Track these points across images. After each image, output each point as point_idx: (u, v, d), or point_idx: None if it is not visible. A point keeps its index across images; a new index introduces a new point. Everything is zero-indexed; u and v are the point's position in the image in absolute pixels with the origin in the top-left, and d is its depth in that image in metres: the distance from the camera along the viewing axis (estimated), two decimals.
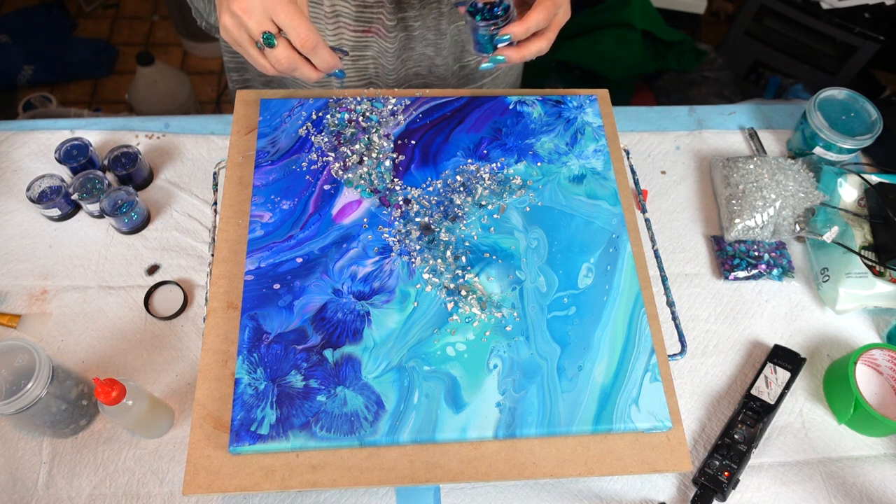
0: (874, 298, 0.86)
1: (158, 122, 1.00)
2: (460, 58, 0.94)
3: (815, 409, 0.83)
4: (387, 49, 0.87)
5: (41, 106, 2.00)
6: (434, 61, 0.91)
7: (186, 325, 0.84)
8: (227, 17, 0.58)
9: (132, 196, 0.87)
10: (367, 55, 0.88)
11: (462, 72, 0.96)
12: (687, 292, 0.90)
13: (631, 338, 0.66)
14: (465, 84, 0.98)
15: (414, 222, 0.71)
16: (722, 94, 1.93)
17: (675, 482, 0.77)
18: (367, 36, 0.85)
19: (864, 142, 0.94)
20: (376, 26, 0.83)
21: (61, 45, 2.16)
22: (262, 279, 0.66)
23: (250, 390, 0.60)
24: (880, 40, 1.69)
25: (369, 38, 0.85)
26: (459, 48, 0.92)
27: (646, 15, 1.78)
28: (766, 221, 0.91)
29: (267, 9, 0.56)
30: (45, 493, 0.73)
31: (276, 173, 0.73)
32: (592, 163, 0.77)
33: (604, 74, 1.81)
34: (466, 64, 0.95)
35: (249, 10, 0.56)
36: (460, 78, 0.97)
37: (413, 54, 0.89)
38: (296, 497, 0.74)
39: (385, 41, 0.85)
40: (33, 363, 0.67)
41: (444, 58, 0.91)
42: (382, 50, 0.87)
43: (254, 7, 0.56)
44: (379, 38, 0.85)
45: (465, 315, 0.66)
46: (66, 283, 0.86)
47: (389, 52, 0.87)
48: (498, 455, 0.61)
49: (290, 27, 0.57)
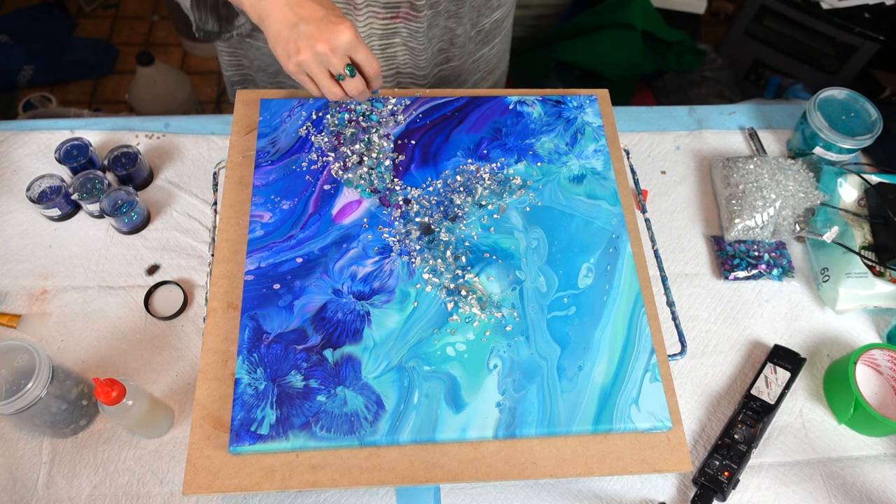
0: (874, 298, 0.86)
1: (158, 122, 1.00)
2: (477, 22, 0.96)
3: (815, 409, 0.83)
4: (417, 31, 0.88)
5: (41, 106, 2.00)
6: (455, 31, 0.94)
7: (186, 325, 0.84)
8: (308, 54, 0.65)
9: (132, 196, 0.87)
10: (396, 42, 0.89)
11: (478, 36, 0.99)
12: (687, 292, 0.90)
13: (631, 338, 0.66)
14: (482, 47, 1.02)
15: (414, 222, 0.71)
16: (722, 94, 1.93)
17: (675, 482, 0.77)
18: (395, 22, 0.87)
19: (864, 142, 0.94)
20: (404, 10, 0.85)
21: (61, 45, 2.16)
22: (262, 279, 0.66)
23: (250, 390, 0.60)
24: (880, 40, 1.69)
25: (397, 23, 0.87)
26: (475, 12, 0.94)
27: (646, 15, 1.78)
28: (766, 221, 0.91)
29: (349, 48, 0.66)
30: (45, 493, 0.73)
31: (276, 173, 0.74)
32: (592, 163, 0.77)
33: (604, 74, 1.81)
34: (482, 28, 0.98)
35: (335, 49, 0.65)
36: (477, 43, 1.00)
37: (437, 31, 0.91)
38: (296, 497, 0.74)
39: (414, 22, 0.87)
40: (33, 363, 0.67)
41: (464, 25, 0.94)
42: (412, 32, 0.88)
43: (339, 47, 0.65)
44: (407, 22, 0.87)
45: (465, 315, 0.66)
46: (66, 283, 0.86)
47: (420, 32, 0.88)
48: (498, 455, 0.61)
49: (368, 62, 0.67)
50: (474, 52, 1.01)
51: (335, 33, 0.64)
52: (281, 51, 0.66)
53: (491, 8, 0.95)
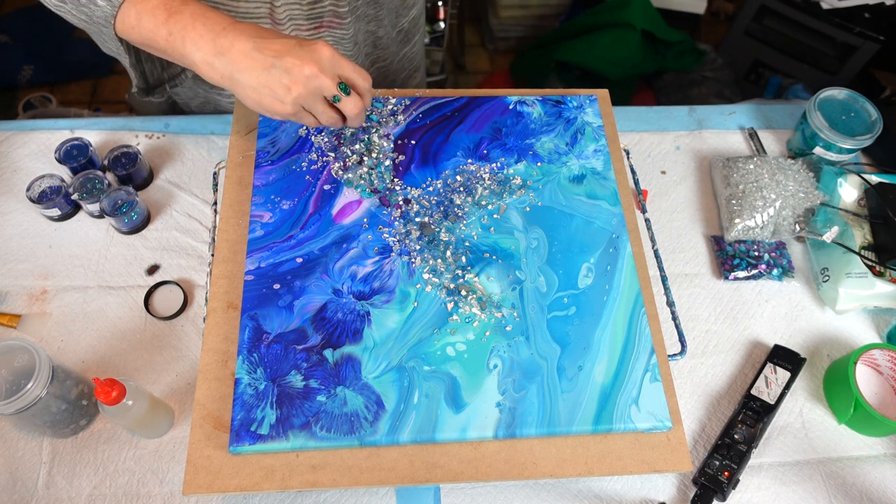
0: (874, 298, 0.86)
1: (158, 122, 1.00)
2: (396, 23, 0.96)
3: (815, 409, 0.83)
4: (343, 37, 0.86)
5: (41, 106, 2.00)
6: (377, 34, 0.93)
7: (186, 325, 0.84)
8: (299, 85, 0.60)
9: (132, 196, 0.87)
10: None
11: (399, 36, 0.99)
12: (687, 292, 0.90)
13: (631, 338, 0.66)
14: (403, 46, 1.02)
15: (414, 222, 0.71)
16: (722, 94, 1.93)
17: (675, 482, 0.77)
18: (319, 32, 0.84)
19: (864, 142, 0.94)
20: (327, 19, 0.83)
21: (61, 45, 2.16)
22: (262, 279, 0.66)
23: (250, 390, 0.60)
24: (880, 40, 1.69)
25: (322, 32, 0.85)
26: (394, 14, 0.94)
27: (646, 15, 1.78)
28: (766, 221, 0.91)
29: (334, 64, 0.62)
30: (45, 493, 0.73)
31: (276, 173, 0.73)
32: (592, 163, 0.77)
33: (604, 74, 1.81)
34: (402, 27, 0.98)
35: (323, 69, 0.61)
36: (398, 43, 1.00)
37: (360, 35, 0.91)
38: (296, 497, 0.74)
39: (339, 30, 0.85)
40: (33, 363, 0.67)
41: (385, 27, 0.93)
42: (338, 40, 0.87)
43: (325, 65, 0.61)
44: (332, 30, 0.85)
45: (465, 315, 0.66)
46: (66, 283, 0.86)
47: (346, 39, 0.87)
48: (498, 455, 0.61)
49: (357, 73, 0.63)
50: (398, 52, 1.01)
51: (315, 52, 0.60)
52: (269, 98, 0.61)
53: (407, 7, 0.96)
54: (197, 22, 0.61)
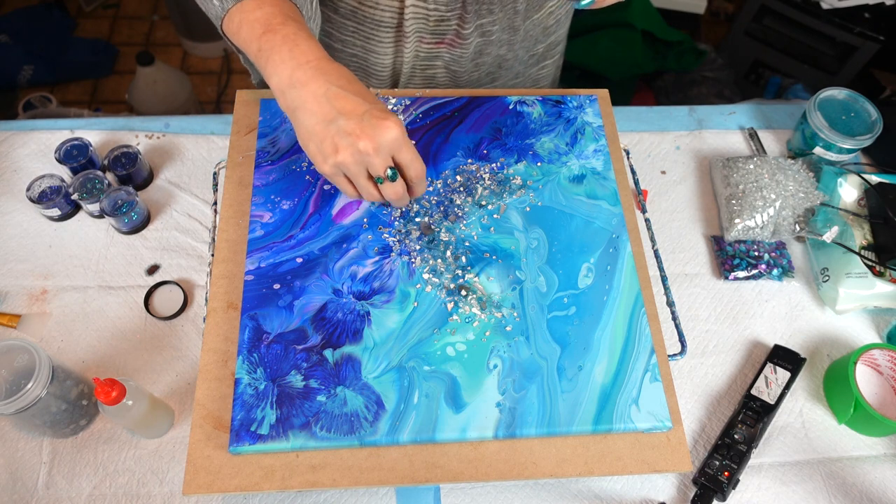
0: (874, 298, 0.86)
1: (158, 122, 1.00)
2: (531, 49, 0.94)
3: (815, 409, 0.83)
4: (461, 56, 0.87)
5: (41, 106, 2.00)
6: (505, 57, 0.92)
7: (186, 325, 0.84)
8: (347, 153, 0.58)
9: (132, 196, 0.87)
10: (437, 64, 0.89)
11: (530, 60, 0.97)
12: (687, 292, 0.90)
13: (631, 338, 0.66)
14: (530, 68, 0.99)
15: (414, 222, 0.71)
16: (722, 94, 1.93)
17: (675, 482, 0.77)
18: (438, 48, 0.86)
19: (864, 142, 0.94)
20: (449, 38, 0.84)
21: (61, 45, 2.16)
22: (262, 279, 0.66)
23: (250, 390, 0.60)
24: (880, 40, 1.69)
25: (441, 48, 0.86)
26: (532, 41, 0.92)
27: (646, 15, 1.78)
28: (766, 221, 0.91)
29: (393, 148, 0.59)
30: (45, 493, 0.73)
31: (276, 173, 0.73)
32: (592, 163, 0.77)
33: (604, 74, 1.81)
34: (535, 52, 0.96)
35: (378, 149, 0.58)
36: (527, 66, 0.98)
37: (488, 58, 0.90)
38: (296, 497, 0.74)
39: (458, 49, 0.86)
40: (33, 363, 0.67)
41: (516, 52, 0.92)
42: (455, 58, 0.87)
43: (383, 145, 0.58)
44: (451, 48, 0.86)
45: (465, 315, 0.66)
46: (66, 283, 0.86)
47: (463, 58, 0.87)
48: (498, 455, 0.61)
49: (412, 163, 0.61)
50: (523, 72, 0.98)
51: (380, 129, 0.57)
52: (315, 148, 0.59)
53: (547, 34, 0.94)
54: (285, 47, 0.59)
